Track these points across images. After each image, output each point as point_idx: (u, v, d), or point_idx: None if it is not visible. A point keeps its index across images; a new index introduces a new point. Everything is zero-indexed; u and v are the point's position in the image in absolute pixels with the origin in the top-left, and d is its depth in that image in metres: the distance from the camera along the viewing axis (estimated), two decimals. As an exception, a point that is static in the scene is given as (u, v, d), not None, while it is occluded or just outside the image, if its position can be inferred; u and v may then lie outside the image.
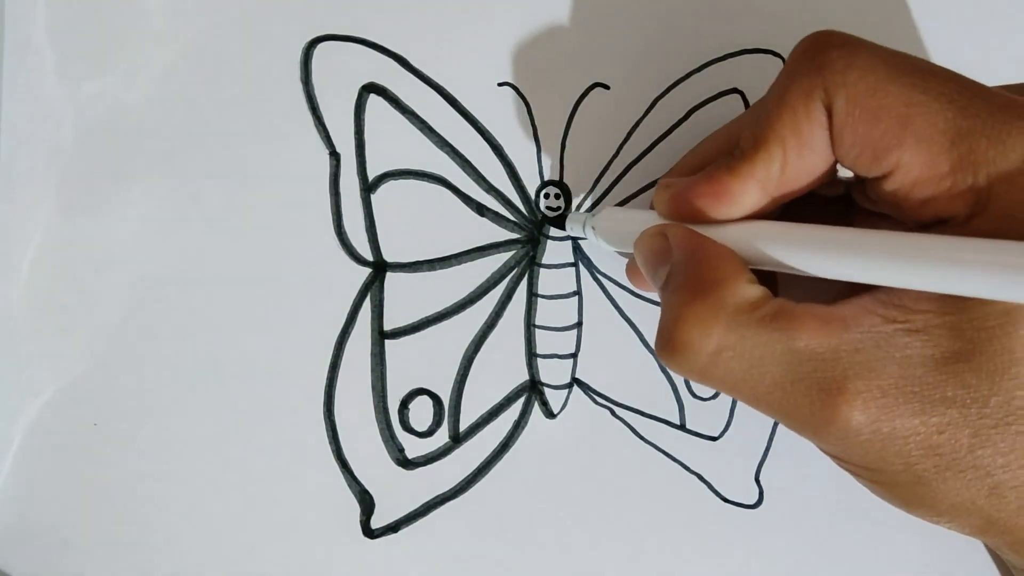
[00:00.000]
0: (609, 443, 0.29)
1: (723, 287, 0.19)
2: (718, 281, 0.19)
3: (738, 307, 0.19)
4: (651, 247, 0.22)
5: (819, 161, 0.20)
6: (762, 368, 0.19)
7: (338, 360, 0.28)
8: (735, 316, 0.19)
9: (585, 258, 0.29)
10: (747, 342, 0.19)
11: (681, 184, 0.22)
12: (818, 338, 0.18)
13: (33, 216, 0.27)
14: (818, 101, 0.19)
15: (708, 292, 0.19)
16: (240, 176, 0.28)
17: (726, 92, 0.28)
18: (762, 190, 0.20)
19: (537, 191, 0.29)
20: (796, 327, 0.18)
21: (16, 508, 0.27)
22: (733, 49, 0.28)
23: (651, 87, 0.28)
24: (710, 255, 0.20)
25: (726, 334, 0.19)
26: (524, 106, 0.28)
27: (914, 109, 0.18)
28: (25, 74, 0.27)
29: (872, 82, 0.18)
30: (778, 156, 0.20)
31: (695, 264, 0.20)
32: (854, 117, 0.19)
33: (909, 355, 0.18)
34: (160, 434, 0.28)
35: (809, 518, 0.29)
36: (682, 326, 0.19)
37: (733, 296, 0.19)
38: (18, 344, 0.27)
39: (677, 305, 0.20)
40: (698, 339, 0.19)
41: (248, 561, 0.28)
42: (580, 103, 0.28)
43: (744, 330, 0.19)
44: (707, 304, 0.19)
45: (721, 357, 0.19)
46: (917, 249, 0.17)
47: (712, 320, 0.19)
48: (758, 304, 0.19)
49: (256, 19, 0.28)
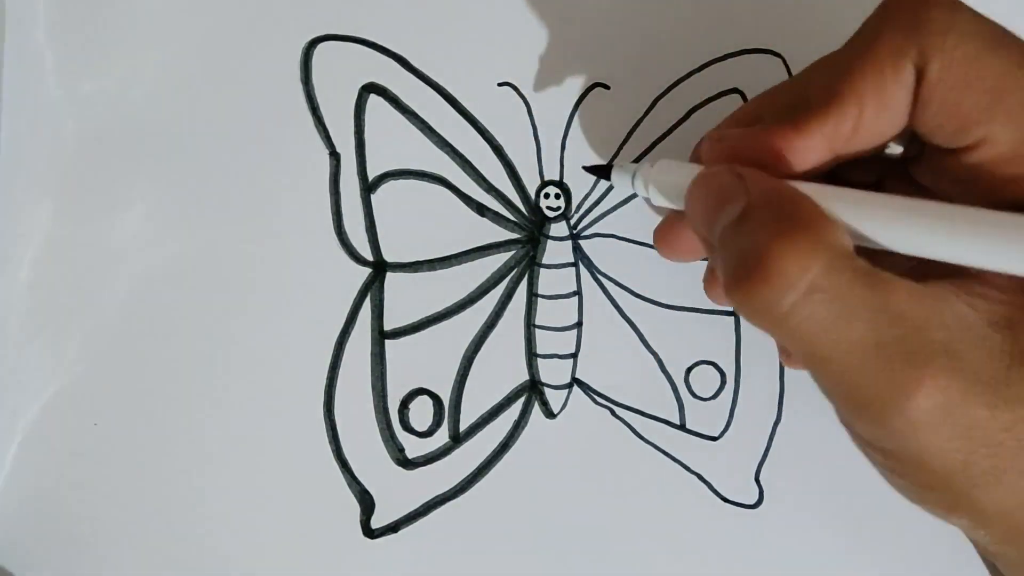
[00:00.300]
0: (609, 443, 0.29)
1: (822, 225, 0.17)
2: (816, 219, 0.17)
3: (837, 250, 0.17)
4: (721, 183, 0.19)
5: (893, 125, 0.19)
6: (851, 321, 0.17)
7: (338, 360, 0.28)
8: (835, 258, 0.17)
9: (585, 258, 0.29)
10: (842, 288, 0.17)
11: (736, 136, 0.20)
12: (912, 305, 0.17)
13: (33, 216, 0.27)
14: (909, 61, 0.18)
15: (808, 227, 0.17)
16: (240, 176, 0.28)
17: (726, 92, 0.28)
18: (828, 148, 0.19)
19: (537, 191, 0.29)
20: (891, 288, 0.17)
21: (16, 508, 0.27)
22: (733, 49, 0.28)
23: (651, 87, 0.28)
24: (799, 197, 0.18)
25: (824, 274, 0.17)
26: (524, 106, 0.28)
27: (1010, 83, 0.17)
28: (25, 74, 0.27)
29: (971, 50, 0.17)
30: (853, 114, 0.19)
31: (786, 201, 0.18)
32: (946, 84, 0.18)
33: (991, 346, 0.17)
34: (160, 434, 0.28)
35: (809, 518, 0.29)
36: (776, 255, 0.17)
37: (833, 238, 0.17)
38: (18, 344, 0.27)
39: (769, 236, 0.17)
40: (794, 271, 0.17)
41: (248, 561, 0.28)
42: (580, 103, 0.28)
43: (841, 275, 0.17)
44: (808, 238, 0.17)
45: (813, 298, 0.17)
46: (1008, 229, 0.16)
47: (811, 254, 0.17)
48: (853, 256, 0.17)
49: (256, 19, 0.28)
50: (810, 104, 0.19)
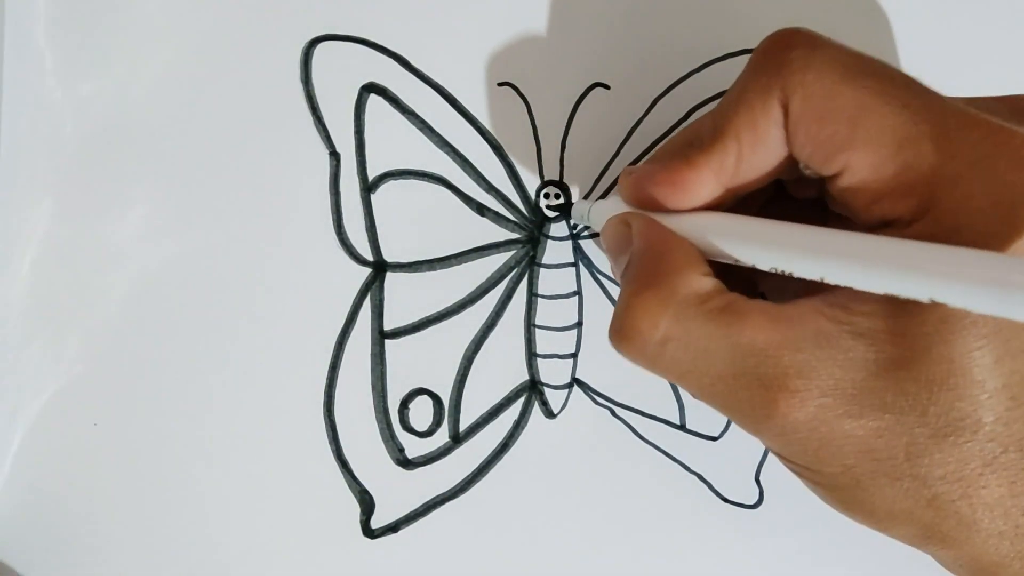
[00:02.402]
0: (609, 443, 0.29)
1: (674, 278, 0.20)
2: (670, 272, 0.20)
3: (687, 298, 0.19)
4: (614, 235, 0.22)
5: (773, 156, 0.20)
6: (707, 360, 0.19)
7: (338, 360, 0.28)
8: (683, 307, 0.19)
9: (585, 258, 0.29)
10: (693, 334, 0.19)
11: (641, 171, 0.22)
12: (763, 334, 0.18)
13: (33, 216, 0.27)
14: (775, 99, 0.19)
15: (659, 282, 0.20)
16: (240, 176, 0.28)
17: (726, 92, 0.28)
18: (717, 181, 0.21)
19: (537, 191, 0.29)
20: (743, 321, 0.19)
21: (16, 508, 0.27)
22: (733, 49, 0.28)
23: (651, 87, 0.28)
24: (666, 245, 0.20)
25: (673, 324, 0.19)
26: (524, 106, 0.28)
27: (865, 112, 0.18)
28: (25, 74, 0.27)
29: (827, 83, 0.19)
30: (733, 149, 0.20)
31: (651, 254, 0.20)
32: (807, 117, 0.19)
33: (851, 358, 0.18)
34: (160, 434, 0.28)
35: (809, 518, 0.29)
36: (631, 314, 0.20)
37: (684, 287, 0.19)
38: (18, 344, 0.27)
39: (629, 294, 0.20)
40: (646, 328, 0.19)
41: (248, 561, 0.28)
42: (580, 103, 0.28)
43: (690, 322, 0.19)
44: (657, 294, 0.19)
45: (668, 347, 0.19)
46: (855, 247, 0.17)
47: (660, 310, 0.19)
48: (708, 297, 0.19)
49: (256, 19, 0.28)
50: (701, 140, 0.21)
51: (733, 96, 0.21)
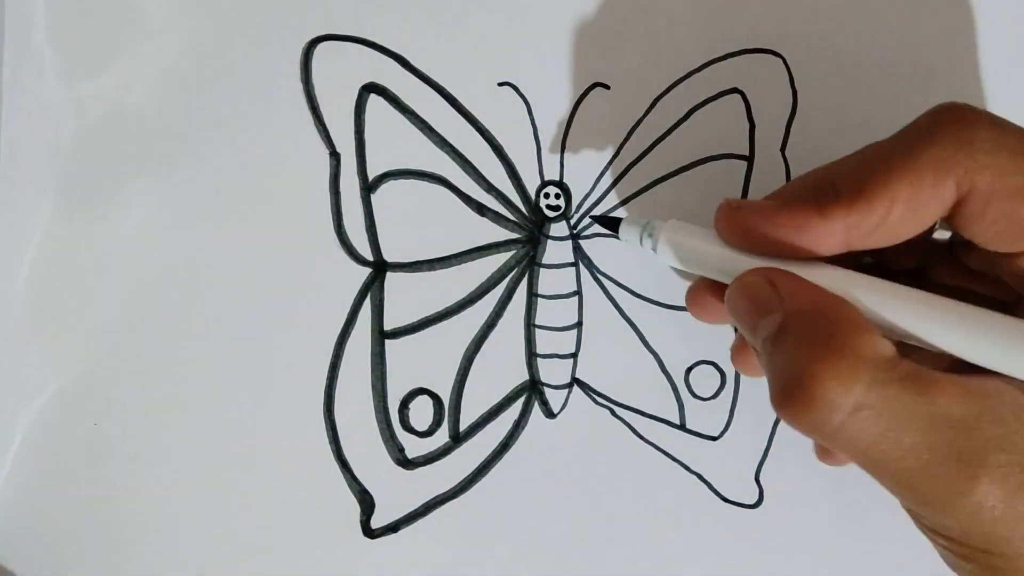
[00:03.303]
0: (609, 443, 0.29)
1: (859, 340, 0.18)
2: (852, 333, 0.18)
3: (877, 364, 0.18)
4: (754, 296, 0.20)
5: (916, 229, 0.20)
6: (900, 431, 0.18)
7: (338, 360, 0.28)
8: (876, 373, 0.18)
9: (585, 258, 0.29)
10: (887, 402, 0.18)
11: (752, 208, 0.21)
12: (961, 405, 0.18)
13: (33, 216, 0.27)
14: (952, 178, 0.19)
15: (844, 346, 0.18)
16: (240, 176, 0.28)
17: (726, 92, 0.28)
18: (845, 240, 0.20)
19: (537, 191, 0.29)
20: (937, 390, 0.18)
21: (16, 508, 0.27)
22: (733, 49, 0.28)
23: (651, 87, 0.28)
24: (833, 306, 0.19)
25: (867, 392, 0.17)
26: (524, 106, 0.28)
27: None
28: (25, 74, 0.27)
29: (1020, 161, 0.18)
30: (880, 212, 0.19)
31: (821, 316, 0.19)
32: (1001, 196, 0.18)
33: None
34: (160, 434, 0.28)
35: (809, 518, 0.29)
36: (818, 381, 0.18)
37: (871, 351, 0.18)
38: (18, 344, 0.27)
39: (808, 359, 0.18)
40: (838, 396, 0.17)
41: (248, 561, 0.28)
42: (580, 103, 0.28)
43: (885, 389, 0.18)
44: (846, 359, 0.18)
45: (859, 416, 0.18)
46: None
47: (852, 376, 0.18)
48: (895, 363, 0.18)
49: (256, 19, 0.28)
50: (838, 190, 0.20)
51: (899, 154, 0.19)
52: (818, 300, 0.19)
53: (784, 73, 0.29)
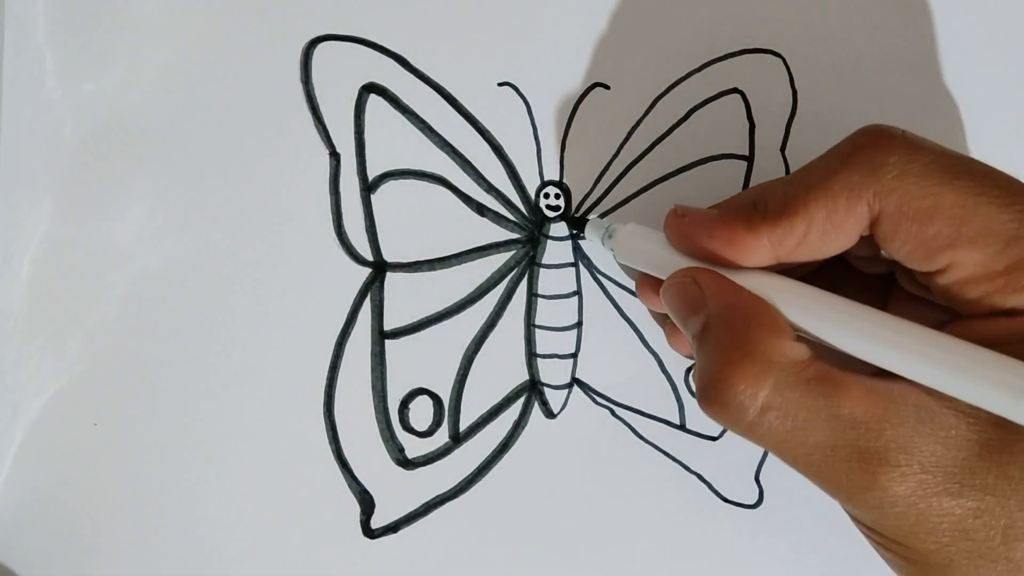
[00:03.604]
0: (609, 443, 0.29)
1: (769, 343, 0.19)
2: (763, 337, 0.19)
3: (784, 367, 0.19)
4: (683, 295, 0.22)
5: (837, 247, 0.21)
6: (806, 430, 0.19)
7: (338, 360, 0.28)
8: (782, 376, 0.19)
9: (585, 258, 0.29)
10: (793, 404, 0.19)
11: (696, 218, 0.22)
12: (864, 406, 0.19)
13: (33, 216, 0.27)
14: (863, 200, 0.19)
15: (754, 348, 0.19)
16: (240, 176, 0.28)
17: (726, 92, 0.28)
18: (773, 253, 0.21)
19: (537, 191, 0.29)
20: (842, 393, 0.19)
21: (16, 507, 0.27)
22: (733, 49, 0.28)
23: (651, 87, 0.28)
24: (752, 308, 0.20)
25: (772, 394, 0.19)
26: (524, 106, 0.28)
27: (967, 212, 0.19)
28: (25, 74, 0.27)
29: (927, 186, 0.19)
30: (800, 231, 0.20)
31: (738, 317, 0.20)
32: (908, 218, 0.19)
33: (954, 436, 0.18)
34: (160, 434, 0.28)
35: (809, 518, 0.29)
36: (728, 384, 0.19)
37: (779, 354, 0.19)
38: (18, 344, 0.27)
39: (721, 362, 0.19)
40: (747, 398, 0.19)
41: (248, 561, 0.28)
42: (580, 103, 0.28)
43: (790, 392, 0.19)
44: (754, 363, 0.19)
45: (767, 416, 0.19)
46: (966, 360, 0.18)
47: (759, 380, 0.19)
48: (804, 365, 0.19)
49: (256, 19, 0.28)
50: (766, 208, 0.21)
51: (815, 179, 0.20)
52: (737, 302, 0.21)
53: (784, 73, 0.29)
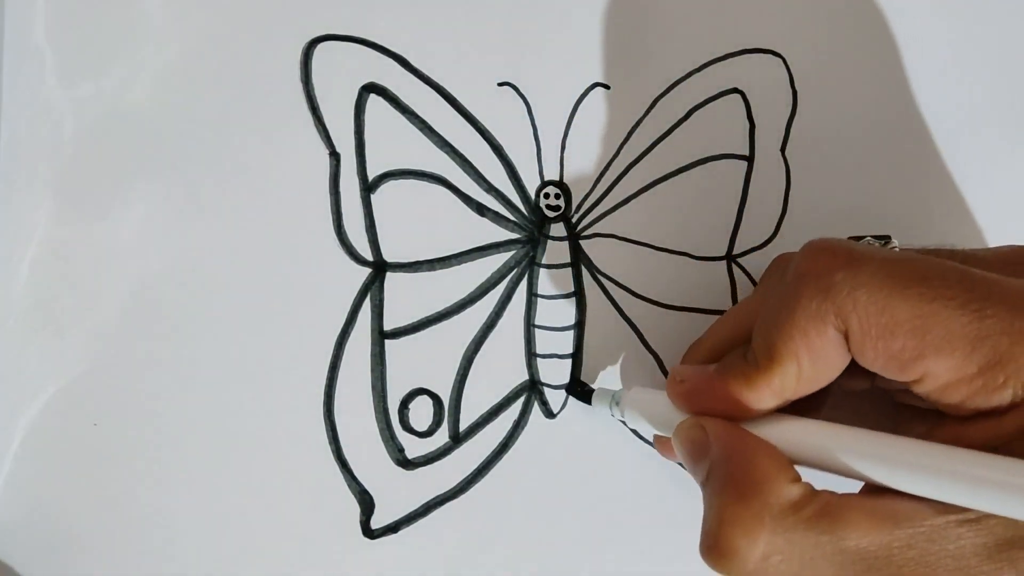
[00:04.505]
0: (609, 443, 0.29)
1: (765, 488, 0.19)
2: (759, 482, 0.19)
3: (783, 508, 0.19)
4: (689, 440, 0.22)
5: (833, 369, 0.21)
6: (814, 570, 0.18)
7: (338, 360, 0.28)
8: (780, 519, 0.19)
9: (585, 258, 0.29)
10: (795, 545, 0.19)
11: (695, 380, 0.22)
12: (869, 536, 0.18)
13: (32, 216, 0.27)
14: (829, 324, 0.19)
15: (750, 495, 0.19)
16: (240, 176, 0.28)
17: (726, 92, 0.28)
18: (779, 397, 0.21)
19: (537, 191, 0.29)
20: (844, 525, 0.18)
21: (16, 508, 0.27)
22: (733, 49, 0.28)
23: (651, 87, 0.28)
24: (750, 453, 0.20)
25: (772, 538, 0.19)
26: (524, 106, 0.28)
27: (927, 321, 0.18)
28: (25, 74, 0.27)
29: (880, 299, 0.19)
30: (792, 370, 0.20)
31: (735, 463, 0.20)
32: (871, 336, 0.19)
33: (962, 545, 0.18)
34: (160, 434, 0.28)
35: (809, 518, 0.29)
36: (727, 532, 0.19)
37: (777, 497, 0.19)
38: (18, 344, 0.27)
39: (719, 508, 0.19)
40: (745, 546, 0.19)
41: (248, 561, 0.28)
42: (580, 103, 0.28)
43: (791, 533, 0.19)
44: (750, 508, 0.19)
45: (770, 562, 0.19)
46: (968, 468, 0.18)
47: (757, 525, 0.19)
48: (803, 503, 0.19)
49: (256, 19, 0.28)
50: (757, 361, 0.21)
51: (784, 321, 0.20)
52: (738, 445, 0.21)
53: (784, 73, 0.29)
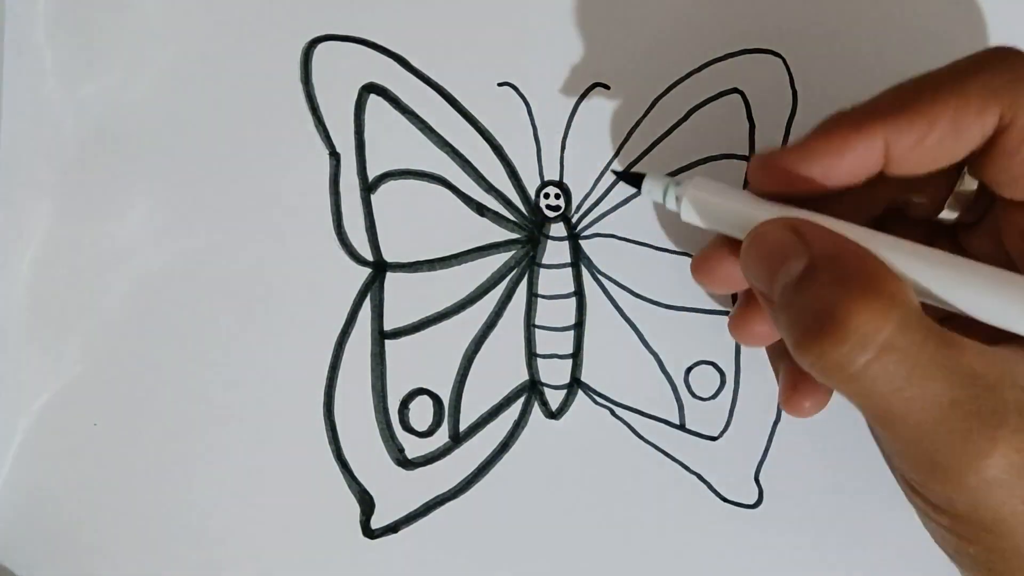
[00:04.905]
0: (609, 443, 0.29)
1: (893, 285, 0.17)
2: (886, 279, 0.18)
3: (912, 309, 0.17)
4: (777, 241, 0.19)
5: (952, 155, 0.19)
6: (925, 379, 0.17)
7: (338, 360, 0.28)
8: (908, 316, 0.17)
9: (585, 258, 0.29)
10: (916, 347, 0.17)
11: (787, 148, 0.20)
12: (988, 365, 0.17)
13: (33, 216, 0.27)
14: (997, 106, 0.18)
15: (878, 285, 0.17)
16: (240, 176, 0.28)
17: (726, 92, 0.28)
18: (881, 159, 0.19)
19: (537, 191, 0.29)
20: (965, 348, 0.17)
21: (16, 508, 0.27)
22: (733, 49, 0.28)
23: (651, 87, 0.28)
24: (863, 252, 0.19)
25: (897, 333, 0.17)
26: (524, 106, 0.28)
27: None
28: (25, 74, 0.27)
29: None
30: (921, 129, 0.19)
31: (850, 259, 0.18)
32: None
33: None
34: (160, 434, 0.28)
35: (809, 518, 0.29)
36: (851, 314, 0.17)
37: (906, 296, 0.17)
38: (18, 344, 0.27)
39: (841, 293, 0.17)
40: (871, 331, 0.17)
41: (248, 561, 0.28)
42: (580, 103, 0.28)
43: (915, 334, 0.17)
44: (881, 295, 0.17)
45: (886, 357, 0.17)
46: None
47: (886, 313, 0.17)
48: (922, 313, 0.17)
49: (256, 19, 0.28)
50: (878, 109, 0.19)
51: (944, 82, 0.19)
52: (846, 246, 0.19)
53: (784, 73, 0.29)
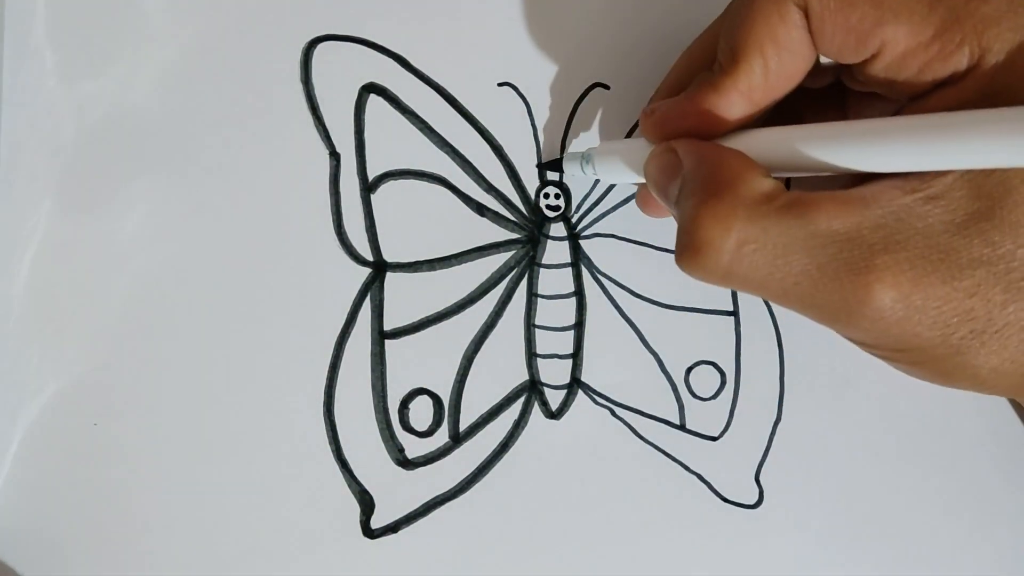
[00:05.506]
0: (609, 443, 0.29)
1: (738, 182, 0.19)
2: (732, 178, 0.19)
3: (755, 199, 0.19)
4: (660, 164, 0.21)
5: (800, 60, 0.20)
6: (787, 258, 0.18)
7: (338, 360, 0.28)
8: (753, 208, 0.19)
9: (585, 258, 0.29)
10: (768, 232, 0.18)
11: (665, 107, 0.22)
12: (839, 219, 0.18)
13: (33, 216, 0.27)
14: (791, 3, 0.19)
15: (723, 190, 0.19)
16: (240, 176, 0.28)
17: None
18: (748, 100, 0.21)
19: (537, 191, 0.29)
20: (815, 211, 0.18)
21: (16, 508, 0.27)
22: (733, 49, 0.28)
23: (651, 87, 0.28)
24: (721, 156, 0.20)
25: (746, 227, 0.18)
26: (524, 106, 0.28)
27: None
28: (25, 74, 0.27)
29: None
30: (758, 65, 0.20)
31: (707, 166, 0.20)
32: (830, 9, 0.19)
33: (931, 223, 0.18)
34: (160, 434, 0.28)
35: (809, 518, 0.29)
36: (701, 225, 0.19)
37: (749, 190, 0.19)
38: (18, 344, 0.27)
39: (693, 207, 0.19)
40: (719, 236, 0.19)
41: (248, 561, 0.28)
42: (580, 103, 0.28)
43: (764, 221, 0.18)
44: (723, 200, 0.19)
45: (744, 251, 0.19)
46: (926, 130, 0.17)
47: (730, 214, 0.19)
48: (774, 195, 0.19)
49: (256, 19, 0.28)
50: (722, 65, 0.21)
51: (745, 14, 0.20)
52: (708, 154, 0.20)
53: (784, 73, 0.29)
